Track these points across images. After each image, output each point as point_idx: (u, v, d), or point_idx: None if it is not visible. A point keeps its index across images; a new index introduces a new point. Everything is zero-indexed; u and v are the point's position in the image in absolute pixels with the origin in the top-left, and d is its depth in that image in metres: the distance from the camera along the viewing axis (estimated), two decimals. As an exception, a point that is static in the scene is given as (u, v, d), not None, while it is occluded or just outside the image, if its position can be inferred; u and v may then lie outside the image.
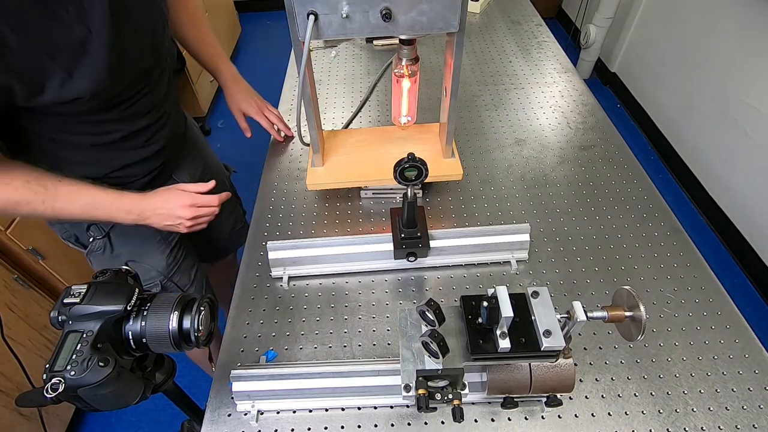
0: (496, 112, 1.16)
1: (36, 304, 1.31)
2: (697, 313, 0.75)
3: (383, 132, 1.00)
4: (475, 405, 0.65)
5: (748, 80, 1.82)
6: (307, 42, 0.65)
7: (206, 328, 0.54)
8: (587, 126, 1.11)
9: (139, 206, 0.78)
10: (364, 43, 1.42)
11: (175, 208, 0.80)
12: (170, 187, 0.82)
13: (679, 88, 2.23)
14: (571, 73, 1.27)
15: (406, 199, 0.74)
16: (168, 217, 0.80)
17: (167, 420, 1.51)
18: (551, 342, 0.49)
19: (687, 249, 0.84)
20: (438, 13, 0.66)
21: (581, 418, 0.64)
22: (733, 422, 0.63)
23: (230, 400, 0.66)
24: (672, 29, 2.26)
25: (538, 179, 0.98)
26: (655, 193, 0.94)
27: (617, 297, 0.54)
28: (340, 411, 0.66)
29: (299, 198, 0.97)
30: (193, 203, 0.81)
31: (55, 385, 0.45)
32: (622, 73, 2.73)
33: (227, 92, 1.06)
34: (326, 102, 1.20)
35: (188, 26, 0.96)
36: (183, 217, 0.80)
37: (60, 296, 0.50)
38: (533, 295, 0.52)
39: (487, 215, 0.92)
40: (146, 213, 0.78)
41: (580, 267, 0.82)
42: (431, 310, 0.52)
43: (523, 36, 1.43)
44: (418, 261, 0.81)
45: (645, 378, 0.68)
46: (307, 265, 0.81)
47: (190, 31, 0.97)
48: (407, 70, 0.84)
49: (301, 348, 0.73)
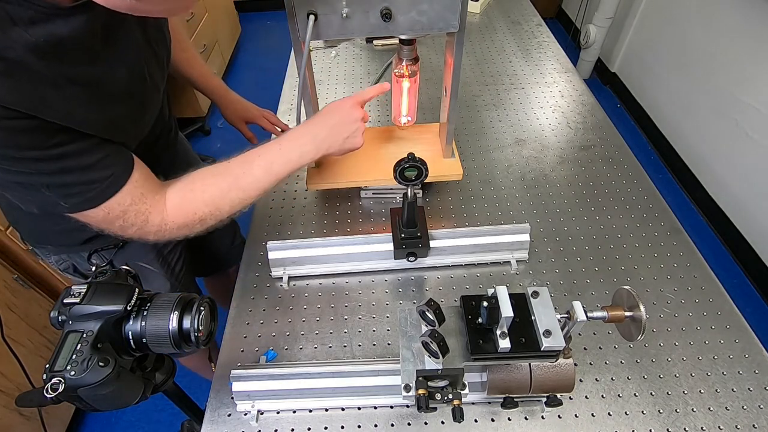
0: (496, 112, 1.16)
1: (36, 304, 1.31)
2: (697, 313, 0.75)
3: (383, 132, 1.00)
4: (475, 405, 0.65)
5: (748, 80, 1.82)
6: (307, 42, 0.65)
7: (206, 328, 0.54)
8: (587, 126, 1.11)
9: (310, 133, 0.71)
10: (364, 43, 1.42)
11: (346, 109, 0.72)
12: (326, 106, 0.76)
13: (679, 88, 2.23)
14: (571, 73, 1.27)
15: (406, 199, 0.74)
16: (345, 126, 0.72)
17: (167, 420, 1.51)
18: (551, 342, 0.49)
19: (687, 249, 0.84)
20: (438, 13, 0.66)
21: (581, 418, 0.64)
22: (733, 422, 0.63)
23: (230, 400, 0.66)
24: (672, 29, 2.25)
25: (538, 179, 0.98)
26: (655, 193, 0.94)
27: (617, 297, 0.54)
28: (340, 411, 0.66)
29: (299, 198, 0.97)
30: (357, 101, 0.74)
31: (55, 385, 0.45)
32: (622, 73, 2.73)
33: (224, 105, 1.05)
34: (326, 102, 1.20)
35: (177, 50, 0.94)
36: (357, 118, 0.73)
37: (60, 296, 0.50)
38: (533, 295, 0.52)
39: (487, 215, 0.92)
40: (320, 136, 0.71)
41: (580, 267, 0.82)
42: (431, 310, 0.52)
43: (523, 36, 1.43)
44: (418, 261, 0.81)
45: (645, 378, 0.68)
46: (307, 265, 0.81)
47: (179, 54, 0.95)
48: (407, 70, 0.84)
49: (301, 348, 0.73)
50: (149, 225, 0.62)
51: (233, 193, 0.67)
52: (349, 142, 0.74)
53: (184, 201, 0.65)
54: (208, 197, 0.66)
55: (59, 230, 0.75)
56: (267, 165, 0.69)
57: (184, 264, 0.99)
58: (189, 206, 0.65)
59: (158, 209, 0.63)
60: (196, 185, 0.66)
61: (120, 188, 0.58)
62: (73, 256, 0.84)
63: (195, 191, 0.66)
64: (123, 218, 0.60)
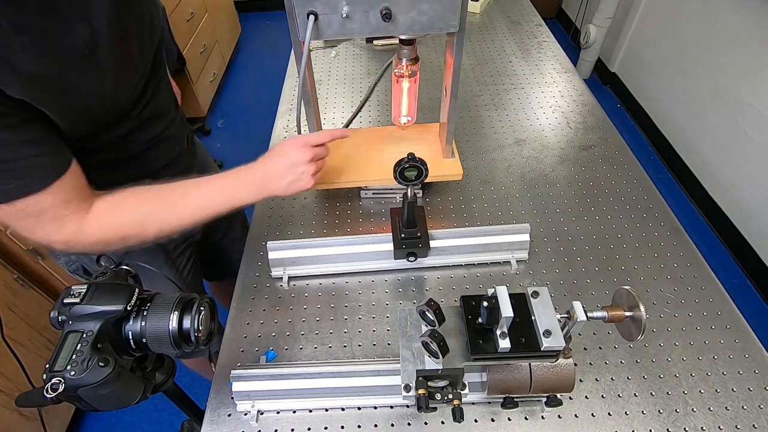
0: (496, 112, 1.16)
1: (36, 304, 1.31)
2: (697, 313, 0.75)
3: (383, 132, 1.00)
4: (475, 405, 0.65)
5: (748, 80, 1.82)
6: (307, 42, 0.65)
7: (206, 328, 0.54)
8: (587, 126, 1.11)
9: (254, 175, 0.70)
10: (364, 43, 1.42)
11: (292, 153, 0.70)
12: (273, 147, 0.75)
13: (679, 88, 2.23)
14: (571, 73, 1.27)
15: (406, 199, 0.74)
16: (289, 169, 0.70)
17: (167, 420, 1.51)
18: (551, 342, 0.49)
19: (687, 249, 0.84)
20: (438, 13, 0.66)
21: (581, 418, 0.64)
22: (733, 422, 0.63)
23: (230, 400, 0.66)
24: (672, 29, 2.25)
25: (538, 179, 0.98)
26: (655, 193, 0.94)
27: (617, 297, 0.54)
28: (340, 411, 0.66)
29: (299, 198, 0.97)
30: (304, 143, 0.71)
31: (55, 385, 0.45)
32: (622, 73, 2.73)
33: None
34: (326, 102, 1.20)
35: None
36: (303, 161, 0.71)
37: (60, 296, 0.50)
38: (533, 295, 0.52)
39: (487, 215, 0.92)
40: (266, 177, 0.70)
41: (580, 267, 0.82)
42: (431, 310, 0.52)
43: (523, 36, 1.43)
44: (418, 261, 0.81)
45: (645, 378, 0.68)
46: (307, 265, 0.81)
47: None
48: (407, 70, 0.84)
49: (301, 348, 0.73)
50: (62, 233, 0.59)
51: (165, 217, 0.65)
52: (295, 185, 0.72)
53: (109, 215, 0.62)
54: (138, 216, 0.63)
55: None
56: (207, 197, 0.67)
57: (193, 267, 0.99)
58: (114, 221, 0.62)
59: (76, 217, 0.59)
60: (127, 201, 0.63)
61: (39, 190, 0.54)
62: (82, 257, 0.84)
63: (125, 207, 0.63)
64: (36, 218, 0.57)
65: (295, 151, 0.71)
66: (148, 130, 0.73)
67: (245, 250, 0.88)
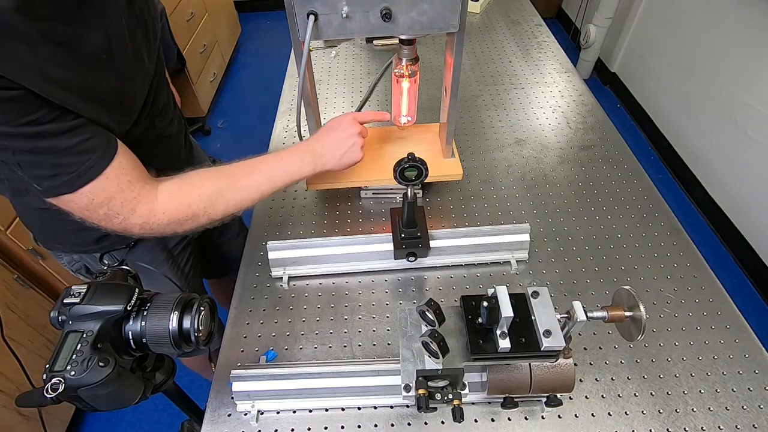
0: (496, 112, 1.16)
1: (36, 304, 1.31)
2: (697, 313, 0.75)
3: (383, 132, 1.00)
4: (475, 405, 0.65)
5: (748, 80, 1.82)
6: (307, 42, 0.65)
7: (206, 328, 0.54)
8: (587, 126, 1.11)
9: (309, 148, 0.74)
10: (364, 43, 1.42)
11: (343, 126, 0.75)
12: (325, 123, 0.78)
13: (679, 88, 2.23)
14: (571, 73, 1.27)
15: (406, 199, 0.74)
16: (342, 142, 0.75)
17: (167, 420, 1.51)
18: (551, 342, 0.49)
19: (687, 249, 0.84)
20: (438, 13, 0.66)
21: (581, 418, 0.64)
22: (733, 422, 0.63)
23: (230, 400, 0.66)
24: (672, 29, 2.25)
25: (538, 179, 0.98)
26: (655, 193, 0.94)
27: (617, 297, 0.54)
28: (340, 411, 0.66)
29: (299, 198, 0.97)
30: (353, 117, 0.76)
31: (55, 385, 0.45)
32: (622, 73, 2.73)
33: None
34: (326, 102, 1.20)
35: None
36: (354, 133, 0.75)
37: (60, 296, 0.50)
38: (533, 295, 0.52)
39: (487, 215, 0.92)
40: (318, 152, 0.74)
41: (580, 267, 0.82)
42: (431, 310, 0.52)
43: (523, 36, 1.43)
44: (418, 261, 0.81)
45: (645, 378, 0.68)
46: (307, 265, 0.81)
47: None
48: (407, 70, 0.83)
49: (301, 348, 0.73)
50: (136, 215, 0.61)
51: (231, 193, 0.68)
52: (347, 157, 0.76)
53: (179, 193, 0.65)
54: (206, 192, 0.66)
55: (70, 230, 0.75)
56: (268, 171, 0.71)
57: (194, 265, 0.99)
58: (184, 198, 0.65)
59: (147, 199, 0.62)
60: (194, 180, 0.66)
61: (98, 174, 0.56)
62: (85, 257, 0.84)
63: (192, 185, 0.66)
64: (108, 206, 0.59)
65: (346, 124, 0.76)
66: (151, 128, 0.74)
67: (245, 251, 0.88)
